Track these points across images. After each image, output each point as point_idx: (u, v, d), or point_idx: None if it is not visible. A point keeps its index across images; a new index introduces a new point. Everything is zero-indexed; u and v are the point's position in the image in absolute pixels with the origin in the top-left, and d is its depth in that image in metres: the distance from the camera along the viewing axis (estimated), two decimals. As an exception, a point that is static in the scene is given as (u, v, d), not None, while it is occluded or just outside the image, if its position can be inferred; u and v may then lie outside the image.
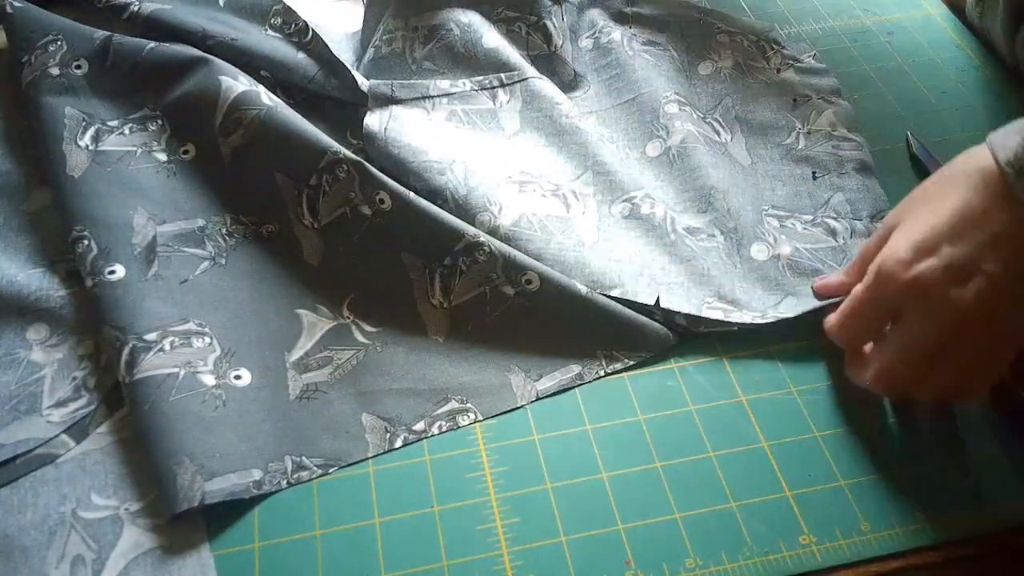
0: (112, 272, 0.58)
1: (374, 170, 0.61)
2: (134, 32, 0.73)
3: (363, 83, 0.70)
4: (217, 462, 0.51)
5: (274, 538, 0.51)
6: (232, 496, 0.51)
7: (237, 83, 0.65)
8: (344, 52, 0.78)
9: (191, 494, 0.50)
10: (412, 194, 0.61)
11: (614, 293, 0.60)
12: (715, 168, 0.68)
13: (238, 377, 0.56)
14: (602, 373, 0.58)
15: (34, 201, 0.65)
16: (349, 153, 0.62)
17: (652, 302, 0.60)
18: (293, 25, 0.74)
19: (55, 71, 0.68)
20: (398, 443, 0.55)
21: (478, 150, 0.67)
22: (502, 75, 0.72)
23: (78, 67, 0.68)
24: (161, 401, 0.53)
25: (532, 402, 0.57)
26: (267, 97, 0.65)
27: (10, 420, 0.54)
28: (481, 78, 0.72)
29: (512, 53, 0.73)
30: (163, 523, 0.50)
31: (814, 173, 0.68)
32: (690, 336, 0.60)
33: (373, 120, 0.69)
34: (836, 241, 0.64)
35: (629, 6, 0.81)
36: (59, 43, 0.69)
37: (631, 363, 0.59)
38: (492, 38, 0.74)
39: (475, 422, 0.56)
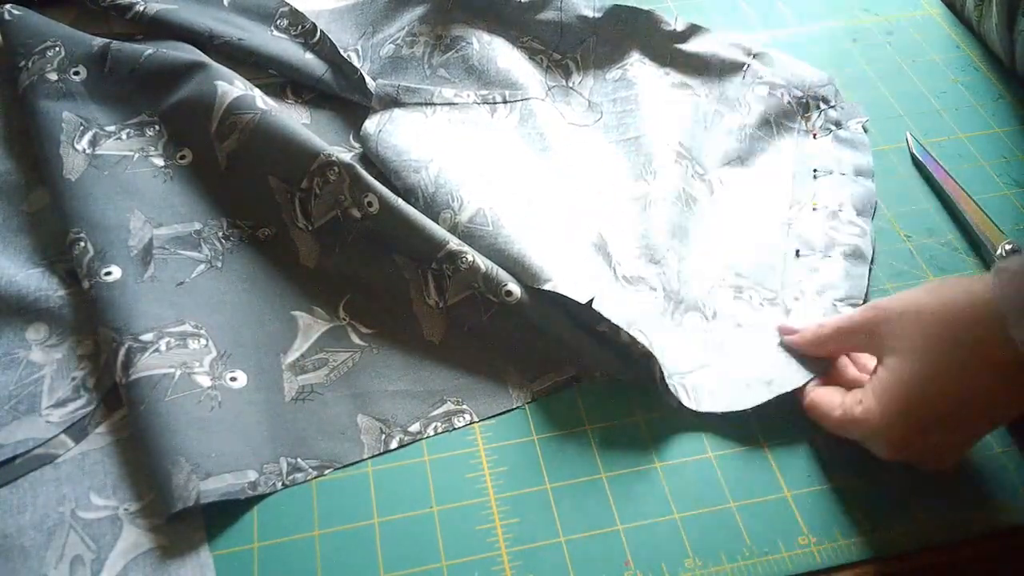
0: (108, 273, 0.58)
1: (364, 173, 0.61)
2: (138, 32, 0.73)
3: (370, 84, 0.71)
4: (212, 462, 0.51)
5: (273, 538, 0.51)
6: (227, 496, 0.51)
7: (233, 88, 0.65)
8: (347, 28, 0.78)
9: (186, 493, 0.50)
10: (399, 199, 0.61)
11: (546, 287, 0.57)
12: (679, 227, 0.64)
13: (233, 379, 0.56)
14: (597, 374, 0.58)
15: (34, 201, 0.65)
16: (341, 156, 0.62)
17: (585, 301, 0.56)
18: (300, 27, 0.75)
19: (53, 76, 0.68)
20: (393, 444, 0.55)
21: (458, 151, 0.67)
22: (506, 92, 0.72)
23: (76, 73, 0.69)
24: (157, 401, 0.53)
25: (527, 403, 0.57)
26: (262, 101, 0.65)
27: (9, 420, 0.54)
28: (486, 92, 0.72)
29: (523, 75, 0.73)
30: (162, 523, 0.50)
31: (797, 252, 0.64)
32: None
33: (371, 123, 0.69)
34: (787, 318, 0.60)
35: (676, 42, 0.77)
36: (57, 49, 0.69)
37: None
38: (508, 59, 0.74)
39: (470, 423, 0.56)
